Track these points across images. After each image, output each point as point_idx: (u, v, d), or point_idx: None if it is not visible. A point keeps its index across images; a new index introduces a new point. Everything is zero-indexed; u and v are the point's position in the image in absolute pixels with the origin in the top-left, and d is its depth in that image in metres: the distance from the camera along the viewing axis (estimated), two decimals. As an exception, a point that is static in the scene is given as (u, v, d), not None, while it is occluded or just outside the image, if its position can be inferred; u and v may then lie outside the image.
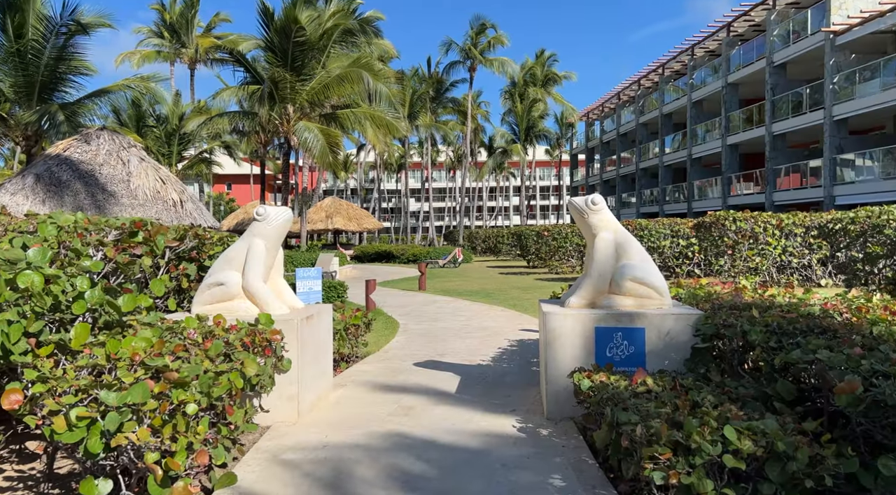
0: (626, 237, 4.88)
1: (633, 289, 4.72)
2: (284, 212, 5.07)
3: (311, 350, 5.01)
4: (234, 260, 4.98)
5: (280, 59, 18.10)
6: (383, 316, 10.67)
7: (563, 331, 4.60)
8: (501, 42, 40.43)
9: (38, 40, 14.12)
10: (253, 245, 4.96)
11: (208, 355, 3.66)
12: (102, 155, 10.77)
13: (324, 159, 17.71)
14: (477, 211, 69.31)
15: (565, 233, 20.60)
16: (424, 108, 43.09)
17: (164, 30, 33.51)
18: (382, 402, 5.11)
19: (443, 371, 6.25)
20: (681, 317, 4.53)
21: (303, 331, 4.81)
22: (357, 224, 33.91)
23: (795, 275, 14.07)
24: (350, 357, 6.93)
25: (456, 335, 8.60)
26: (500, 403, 5.02)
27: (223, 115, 20.09)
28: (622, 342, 4.57)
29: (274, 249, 5.10)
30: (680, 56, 35.35)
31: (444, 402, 5.06)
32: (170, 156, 28.27)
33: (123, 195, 10.36)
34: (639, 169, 39.51)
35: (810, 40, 23.19)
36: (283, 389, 4.65)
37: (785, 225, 13.67)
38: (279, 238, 5.11)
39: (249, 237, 5.02)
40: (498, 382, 5.75)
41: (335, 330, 6.24)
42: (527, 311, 11.01)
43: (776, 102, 25.46)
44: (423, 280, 15.59)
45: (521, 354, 7.10)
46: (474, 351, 7.37)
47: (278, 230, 5.04)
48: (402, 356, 7.17)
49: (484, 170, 55.34)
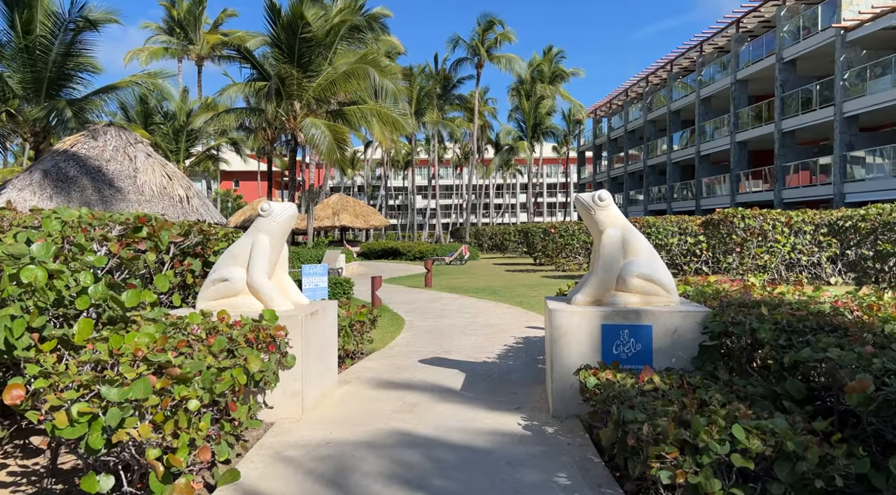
0: (633, 233, 4.83)
1: (640, 285, 4.68)
2: (289, 209, 5.05)
3: (316, 346, 4.99)
4: (238, 256, 4.97)
5: (287, 56, 18.09)
6: (389, 312, 10.65)
7: (569, 328, 4.55)
8: (509, 39, 40.29)
9: (46, 36, 14.18)
10: (257, 241, 4.94)
11: (211, 351, 3.64)
12: (109, 151, 10.79)
13: (331, 156, 17.69)
14: (483, 208, 69.22)
15: (572, 231, 20.50)
16: (431, 105, 43.01)
17: (172, 26, 33.58)
18: (387, 399, 5.08)
19: (448, 368, 6.22)
20: (688, 315, 4.47)
21: (307, 328, 4.79)
22: (364, 221, 33.93)
23: (804, 273, 13.94)
24: (355, 353, 6.91)
25: (462, 332, 8.57)
26: (505, 400, 4.99)
27: (230, 112, 20.11)
28: (629, 339, 4.52)
29: (278, 245, 5.08)
30: (688, 52, 35.10)
31: (448, 399, 5.03)
32: (177, 153, 28.36)
33: (130, 191, 10.38)
34: (647, 166, 39.31)
35: (821, 36, 22.95)
36: (287, 385, 4.63)
37: (794, 222, 13.54)
38: (283, 234, 5.09)
39: (254, 233, 5.00)
40: (503, 379, 5.71)
41: (340, 326, 6.23)
42: (533, 308, 10.96)
43: (786, 99, 25.22)
44: (430, 277, 15.57)
45: (527, 351, 7.05)
46: (480, 348, 7.34)
47: (283, 226, 5.02)
48: (407, 353, 7.14)
49: (491, 167, 55.24)
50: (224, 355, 3.73)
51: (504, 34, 40.27)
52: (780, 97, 25.34)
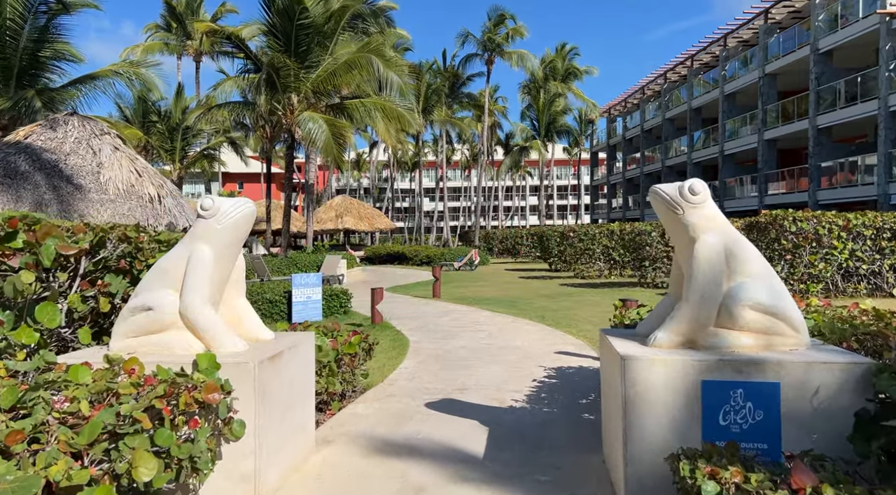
0: (740, 243, 3.31)
1: (756, 321, 3.15)
2: (243, 206, 3.57)
3: (280, 402, 3.51)
4: (168, 273, 3.49)
5: (282, 44, 16.66)
6: (391, 330, 9.16)
7: (650, 384, 3.03)
8: (520, 33, 38.73)
9: (14, 20, 12.79)
10: (196, 253, 3.46)
11: (73, 446, 2.15)
12: (70, 143, 9.35)
13: (328, 151, 16.24)
14: (493, 210, 67.65)
15: (592, 234, 18.95)
16: (440, 103, 41.44)
17: (170, 21, 32.29)
18: (382, 476, 3.59)
19: (464, 417, 4.72)
20: (836, 368, 2.94)
21: (265, 378, 3.31)
22: (369, 224, 32.50)
23: (863, 282, 12.32)
24: (345, 392, 5.40)
25: (478, 358, 7.06)
26: (549, 481, 3.48)
27: (222, 106, 18.69)
28: (744, 404, 2.99)
29: (228, 258, 3.60)
30: (710, 47, 33.42)
31: (468, 478, 3.53)
32: (173, 153, 27.01)
33: (92, 189, 8.93)
34: (665, 166, 37.61)
35: (861, 24, 21.24)
36: (232, 466, 3.15)
37: (853, 225, 11.94)
38: (236, 242, 3.61)
39: (191, 241, 3.52)
40: (540, 440, 4.20)
41: (323, 363, 4.72)
42: (559, 326, 9.43)
43: (821, 93, 23.51)
44: (438, 286, 14.07)
45: (564, 391, 5.53)
46: (502, 384, 5.83)
47: (234, 231, 3.54)
48: (410, 391, 5.65)
49: (502, 168, 53.68)
50: (99, 449, 2.24)
51: (516, 29, 38.72)
52: (814, 91, 23.61)
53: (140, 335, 3.47)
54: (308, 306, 10.22)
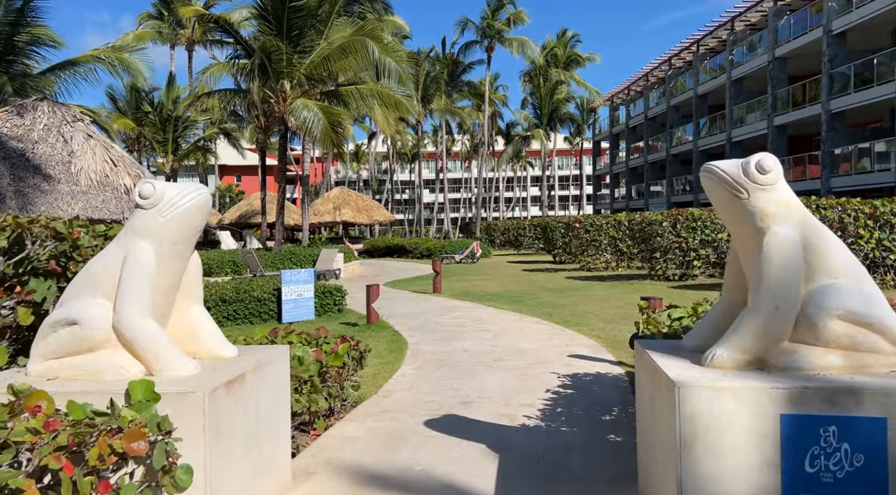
0: (819, 232, 2.60)
1: (845, 334, 2.44)
2: (194, 194, 2.86)
3: (242, 436, 2.82)
4: (99, 277, 2.80)
5: (274, 28, 15.86)
6: (388, 331, 8.48)
7: (714, 420, 2.33)
8: (521, 19, 37.77)
9: (-14, 2, 12.06)
10: (133, 252, 2.76)
11: None
12: (39, 130, 8.61)
13: (325, 140, 15.50)
14: (493, 202, 66.86)
15: (599, 225, 18.23)
16: (439, 92, 40.50)
17: (161, 8, 31.39)
18: (368, 527, 2.90)
19: (469, 440, 4.03)
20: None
21: (220, 409, 2.61)
22: (367, 216, 31.77)
23: (889, 274, 11.62)
24: (332, 408, 4.72)
25: (483, 363, 6.38)
26: (577, 533, 2.79)
27: (212, 94, 17.91)
28: (838, 445, 2.29)
29: (177, 258, 2.90)
30: (717, 31, 32.47)
31: (476, 530, 2.84)
32: (165, 144, 26.24)
33: (62, 180, 8.22)
34: (669, 155, 36.78)
35: (879, 2, 20.35)
36: (175, 525, 2.46)
37: (880, 213, 11.23)
38: (186, 238, 2.91)
39: (127, 237, 2.82)
40: (559, 470, 3.51)
41: (303, 379, 4.03)
42: (568, 324, 8.74)
43: (835, 76, 22.66)
44: (438, 281, 13.38)
45: (582, 404, 4.84)
46: (511, 395, 5.14)
47: (182, 224, 2.84)
48: (408, 404, 4.97)
49: (502, 159, 52.81)
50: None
51: (517, 14, 37.74)
52: (828, 74, 22.75)
53: (63, 356, 2.78)
54: (299, 305, 9.54)
